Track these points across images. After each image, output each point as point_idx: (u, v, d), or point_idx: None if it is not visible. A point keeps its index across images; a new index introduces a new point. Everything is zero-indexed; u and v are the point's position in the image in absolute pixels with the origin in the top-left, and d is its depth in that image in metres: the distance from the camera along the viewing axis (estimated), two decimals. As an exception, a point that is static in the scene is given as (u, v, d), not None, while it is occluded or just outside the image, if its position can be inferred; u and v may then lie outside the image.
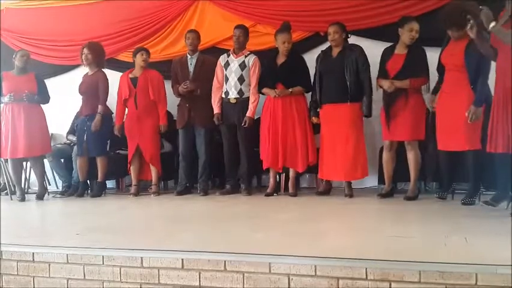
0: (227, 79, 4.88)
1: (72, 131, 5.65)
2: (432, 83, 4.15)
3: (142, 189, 5.27)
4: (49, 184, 5.65)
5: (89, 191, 5.36)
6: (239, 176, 4.98)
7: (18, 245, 2.87)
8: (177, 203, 4.64)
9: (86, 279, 2.64)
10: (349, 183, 4.51)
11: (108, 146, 5.41)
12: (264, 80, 4.74)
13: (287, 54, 4.64)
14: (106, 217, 4.05)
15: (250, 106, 4.80)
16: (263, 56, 4.90)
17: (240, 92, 4.84)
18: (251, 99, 4.81)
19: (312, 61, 4.64)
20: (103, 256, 2.62)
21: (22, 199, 5.10)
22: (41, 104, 5.19)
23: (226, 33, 5.30)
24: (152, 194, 5.11)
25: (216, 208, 4.31)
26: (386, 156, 4.36)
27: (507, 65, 3.21)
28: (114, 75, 5.47)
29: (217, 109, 4.92)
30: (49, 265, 2.72)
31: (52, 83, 5.64)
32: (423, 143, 4.30)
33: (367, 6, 5.00)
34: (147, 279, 2.53)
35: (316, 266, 2.27)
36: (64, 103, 5.58)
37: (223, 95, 4.92)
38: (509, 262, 2.07)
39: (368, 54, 4.41)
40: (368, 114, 4.36)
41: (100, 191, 5.26)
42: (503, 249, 2.27)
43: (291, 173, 4.73)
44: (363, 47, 4.47)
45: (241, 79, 4.83)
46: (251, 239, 2.87)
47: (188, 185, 5.15)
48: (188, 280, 2.46)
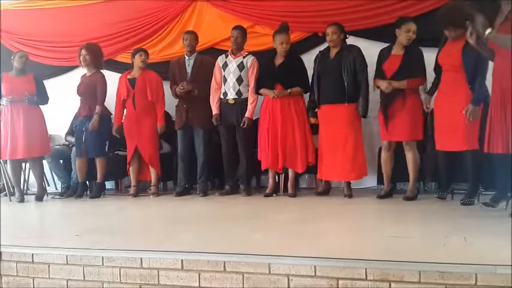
0: (225, 80, 4.88)
1: (71, 132, 5.65)
2: (429, 84, 4.16)
3: (141, 190, 5.27)
4: (48, 185, 5.65)
5: (88, 192, 5.36)
6: (238, 177, 4.98)
7: (17, 246, 2.87)
8: (177, 204, 4.64)
9: (86, 280, 2.64)
10: (348, 183, 4.51)
11: (107, 147, 5.41)
12: (262, 81, 4.74)
13: (285, 55, 4.63)
14: (105, 218, 4.05)
15: (249, 107, 4.80)
16: (261, 57, 4.89)
17: (239, 93, 4.84)
18: (250, 99, 4.81)
19: (310, 62, 4.64)
20: (103, 257, 2.62)
21: (21, 200, 5.11)
22: (40, 105, 5.19)
23: (224, 34, 5.31)
24: (151, 195, 5.11)
25: (216, 209, 4.31)
26: (384, 156, 4.36)
27: (504, 66, 3.22)
28: (112, 76, 5.47)
29: (215, 110, 4.92)
30: (49, 266, 2.73)
31: (51, 84, 5.64)
32: (422, 143, 4.31)
33: (365, 7, 5.00)
34: (147, 280, 2.54)
35: (315, 267, 2.28)
36: (63, 104, 5.58)
37: (221, 96, 4.92)
38: (508, 262, 2.08)
39: (366, 54, 4.41)
40: (364, 114, 4.36)
41: (99, 192, 5.26)
42: (502, 249, 2.27)
43: (290, 174, 4.73)
44: (361, 48, 4.46)
45: (239, 80, 4.83)
46: (250, 240, 2.87)
47: (187, 186, 5.14)
48: (188, 281, 2.46)
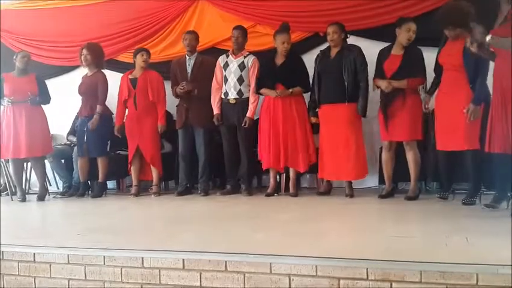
0: (226, 80, 4.88)
1: (72, 132, 5.66)
2: (429, 84, 4.15)
3: (142, 189, 5.28)
4: (50, 185, 5.66)
5: (90, 192, 5.36)
6: (239, 177, 4.98)
7: (19, 246, 2.87)
8: (178, 204, 4.64)
9: (87, 279, 2.64)
10: (349, 183, 4.51)
11: (108, 147, 5.41)
12: (263, 81, 4.73)
13: (286, 54, 4.63)
14: (107, 217, 4.05)
15: (250, 106, 4.80)
16: (262, 57, 4.89)
17: (240, 93, 4.84)
18: (251, 99, 4.81)
19: (312, 61, 4.63)
20: (104, 256, 2.62)
21: (23, 200, 5.11)
22: (42, 105, 5.19)
23: (225, 33, 5.30)
24: (153, 195, 5.12)
25: (217, 208, 4.31)
26: (385, 156, 4.36)
27: (505, 66, 3.21)
28: (114, 76, 5.48)
29: (216, 110, 4.92)
30: (50, 265, 2.73)
31: (52, 84, 5.64)
32: (423, 143, 4.30)
33: (365, 6, 5.00)
34: (148, 279, 2.54)
35: (317, 266, 2.28)
36: (64, 104, 5.59)
37: (222, 96, 4.92)
38: (510, 262, 2.07)
39: (367, 54, 4.40)
40: (363, 114, 4.36)
41: (101, 192, 5.27)
42: (504, 249, 2.26)
43: (292, 173, 4.72)
44: (362, 47, 4.46)
45: (240, 80, 4.83)
46: (252, 239, 2.87)
47: (189, 186, 5.14)
48: (189, 280, 2.46)
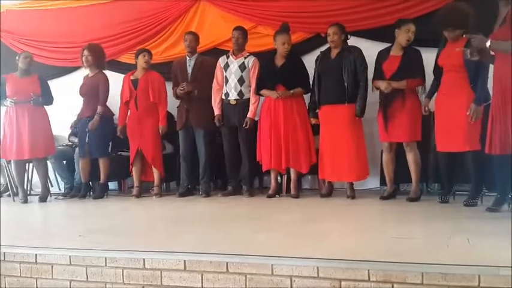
0: (227, 80, 4.88)
1: (74, 133, 5.66)
2: (428, 86, 4.13)
3: (144, 190, 5.28)
4: (51, 186, 5.67)
5: (91, 193, 5.37)
6: (241, 178, 4.98)
7: (20, 247, 2.88)
8: (179, 205, 4.64)
9: (89, 280, 2.65)
10: (351, 184, 4.50)
11: (110, 148, 5.42)
12: (263, 82, 4.72)
13: (286, 55, 4.62)
14: (108, 219, 4.06)
15: (251, 107, 4.80)
16: (263, 58, 4.88)
17: (240, 94, 4.84)
18: (251, 100, 4.81)
19: (312, 62, 4.62)
20: (105, 258, 2.62)
21: (24, 201, 5.12)
22: (45, 106, 5.20)
23: (226, 34, 5.30)
24: (154, 196, 5.12)
25: (218, 209, 4.31)
26: (386, 157, 4.36)
27: (504, 67, 3.21)
28: (115, 76, 5.49)
29: (217, 111, 4.92)
30: (52, 267, 2.73)
31: (54, 85, 5.64)
32: (424, 145, 4.29)
33: (367, 7, 5.00)
34: (150, 280, 2.54)
35: (318, 268, 2.27)
36: (66, 105, 5.59)
37: (223, 97, 4.92)
38: (511, 263, 2.07)
39: (368, 55, 4.40)
40: (360, 115, 4.35)
41: (102, 193, 5.27)
42: (505, 250, 2.26)
43: (293, 175, 4.71)
44: (363, 48, 4.46)
45: (241, 80, 4.83)
46: (253, 241, 2.87)
47: (190, 187, 5.14)
48: (190, 282, 2.46)
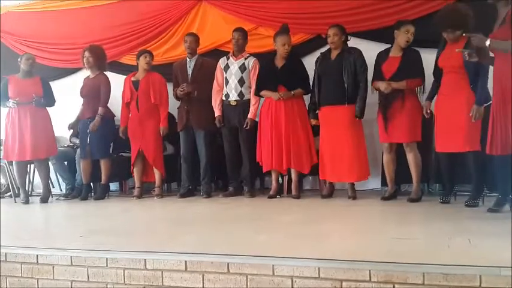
0: (227, 82, 4.89)
1: (75, 134, 5.66)
2: (427, 87, 4.13)
3: (145, 191, 5.29)
4: (53, 187, 5.67)
5: (93, 194, 5.37)
6: (242, 178, 4.98)
7: (22, 247, 2.88)
8: (180, 205, 4.64)
9: (90, 281, 2.65)
10: (352, 185, 4.50)
11: (111, 149, 5.42)
12: (263, 83, 4.71)
13: (286, 56, 4.63)
14: (109, 219, 4.06)
15: (251, 108, 4.80)
16: (263, 59, 4.87)
17: (241, 94, 4.85)
18: (252, 101, 4.81)
19: (313, 64, 4.62)
20: (107, 258, 2.63)
21: (26, 202, 5.13)
22: (47, 107, 5.21)
23: (228, 35, 5.28)
24: (155, 197, 5.12)
25: (219, 210, 4.31)
26: (386, 158, 4.36)
27: (504, 68, 3.21)
28: (117, 78, 5.50)
29: (218, 112, 4.92)
30: (53, 267, 2.74)
31: (55, 86, 5.63)
32: (426, 145, 4.29)
33: (368, 8, 4.99)
34: (151, 281, 2.54)
35: (319, 268, 2.28)
36: (67, 106, 5.59)
37: (223, 98, 4.92)
38: (512, 264, 2.07)
39: (368, 56, 4.40)
40: (360, 115, 4.35)
41: (103, 194, 5.28)
42: (506, 250, 2.26)
43: (294, 175, 4.70)
44: (364, 49, 4.47)
45: (241, 81, 4.83)
46: (254, 241, 2.87)
47: (191, 188, 5.14)
48: (191, 282, 2.47)
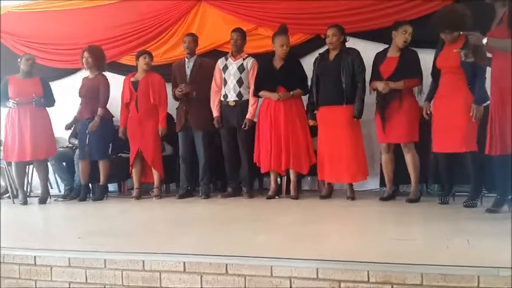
0: (226, 82, 4.89)
1: (74, 135, 5.66)
2: (425, 87, 4.14)
3: (144, 192, 5.28)
4: (51, 187, 5.66)
5: (91, 195, 5.37)
6: (240, 179, 4.98)
7: (20, 249, 2.88)
8: (179, 206, 4.64)
9: (88, 282, 2.64)
10: (350, 185, 4.50)
11: (110, 150, 5.42)
12: (262, 84, 4.71)
13: (284, 57, 4.62)
14: (108, 220, 4.06)
15: (250, 108, 4.80)
16: (261, 59, 4.87)
17: (239, 95, 4.84)
18: (250, 101, 4.81)
19: (312, 64, 4.62)
20: (105, 259, 2.62)
21: (24, 202, 5.12)
22: (47, 107, 5.20)
23: (227, 36, 5.27)
24: (154, 197, 5.12)
25: (218, 211, 4.30)
26: (385, 158, 4.36)
27: (502, 68, 3.21)
28: (116, 78, 5.49)
29: (216, 112, 4.92)
30: (51, 269, 2.73)
31: (55, 86, 5.62)
32: (424, 146, 4.29)
33: (367, 8, 4.99)
34: (149, 282, 2.53)
35: (318, 269, 2.27)
36: (67, 106, 5.58)
37: (222, 98, 4.92)
38: (511, 264, 2.06)
39: (367, 56, 4.40)
40: (358, 116, 4.35)
41: (102, 195, 5.27)
42: (505, 251, 2.25)
43: (292, 176, 4.70)
44: (363, 49, 4.48)
45: (240, 82, 4.83)
46: (253, 242, 2.87)
47: (190, 188, 5.14)
48: (190, 283, 2.46)
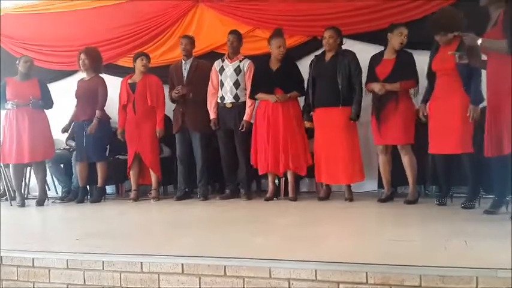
0: (222, 84, 4.89)
1: (71, 137, 5.65)
2: (421, 89, 4.15)
3: (142, 194, 5.27)
4: (49, 189, 5.65)
5: (89, 197, 5.36)
6: (238, 181, 4.98)
7: (18, 251, 2.86)
8: (177, 208, 4.64)
9: (86, 284, 2.64)
10: (348, 186, 4.50)
11: (107, 151, 5.41)
12: (259, 86, 4.71)
13: (281, 59, 4.63)
14: (106, 222, 4.05)
15: (247, 110, 4.81)
16: (257, 61, 4.87)
17: (236, 97, 4.85)
18: (248, 103, 4.81)
19: (308, 66, 4.63)
20: (103, 261, 2.62)
21: (22, 205, 5.10)
22: (45, 109, 5.19)
23: (224, 38, 5.26)
24: (152, 199, 5.11)
25: (216, 213, 4.30)
26: (382, 159, 4.36)
27: (497, 69, 3.22)
28: (113, 80, 5.49)
29: (213, 114, 4.92)
30: (49, 270, 2.72)
31: (52, 88, 5.61)
32: (422, 147, 4.29)
33: (365, 10, 5.00)
34: (147, 284, 2.53)
35: (316, 271, 2.27)
36: (64, 108, 5.58)
37: (218, 100, 4.92)
38: (509, 265, 2.07)
39: (365, 57, 4.41)
40: (355, 118, 4.36)
41: (100, 197, 5.26)
42: (503, 252, 2.26)
43: (290, 178, 4.70)
44: (358, 51, 4.50)
45: (236, 84, 4.84)
46: (251, 244, 2.87)
47: (187, 190, 5.14)
48: (188, 285, 2.46)
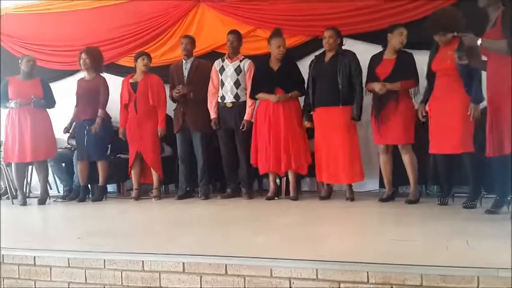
0: (223, 84, 4.89)
1: (73, 136, 5.65)
2: (421, 88, 4.15)
3: (143, 193, 5.28)
4: (50, 188, 5.65)
5: (90, 196, 5.36)
6: (240, 180, 4.98)
7: (19, 249, 2.88)
8: (178, 207, 4.64)
9: (88, 283, 2.65)
10: (350, 186, 4.50)
11: (108, 150, 5.41)
12: (259, 86, 4.71)
13: (281, 58, 4.63)
14: (107, 221, 4.05)
15: (247, 109, 4.81)
16: (257, 61, 4.87)
17: (236, 96, 4.85)
18: (248, 103, 4.82)
19: (308, 67, 4.63)
20: (104, 260, 2.63)
21: (23, 203, 5.11)
22: (47, 108, 5.20)
23: (225, 38, 5.30)
24: (153, 198, 5.12)
25: (217, 212, 4.30)
26: (383, 159, 4.36)
27: (498, 69, 3.22)
28: (114, 80, 5.49)
29: (213, 114, 4.93)
30: (50, 269, 2.73)
31: (54, 88, 5.59)
32: (423, 147, 4.29)
33: (366, 10, 4.99)
34: (149, 282, 2.54)
35: (317, 270, 2.27)
36: (66, 108, 5.57)
37: (219, 100, 4.92)
38: (510, 265, 2.07)
39: (365, 58, 4.41)
40: (357, 118, 4.37)
41: (101, 195, 5.27)
42: (504, 252, 2.26)
43: (291, 177, 4.70)
44: (359, 51, 4.50)
45: (237, 83, 4.84)
46: (252, 243, 2.87)
47: (189, 189, 5.15)
48: (189, 284, 2.46)
